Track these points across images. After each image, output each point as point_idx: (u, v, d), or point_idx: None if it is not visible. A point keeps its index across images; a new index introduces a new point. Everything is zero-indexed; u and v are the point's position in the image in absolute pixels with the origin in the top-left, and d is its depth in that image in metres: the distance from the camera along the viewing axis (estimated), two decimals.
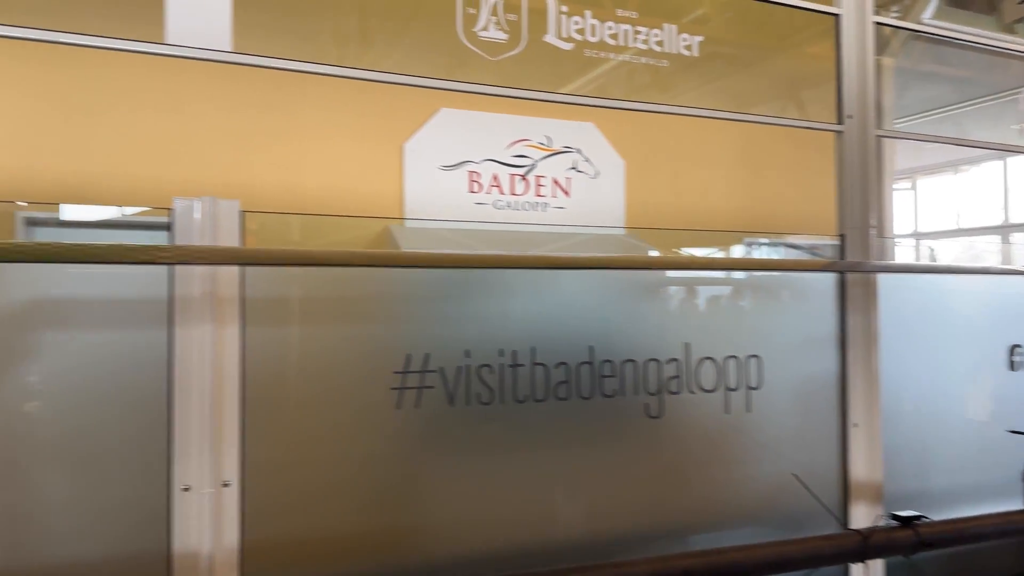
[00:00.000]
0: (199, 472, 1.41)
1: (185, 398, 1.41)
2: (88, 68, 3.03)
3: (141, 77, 3.04)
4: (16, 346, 1.37)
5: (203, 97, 3.33)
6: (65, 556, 1.36)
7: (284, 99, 3.52)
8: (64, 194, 3.13)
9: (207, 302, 1.43)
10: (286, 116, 3.57)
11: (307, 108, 3.65)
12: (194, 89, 3.25)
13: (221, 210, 1.46)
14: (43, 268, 1.34)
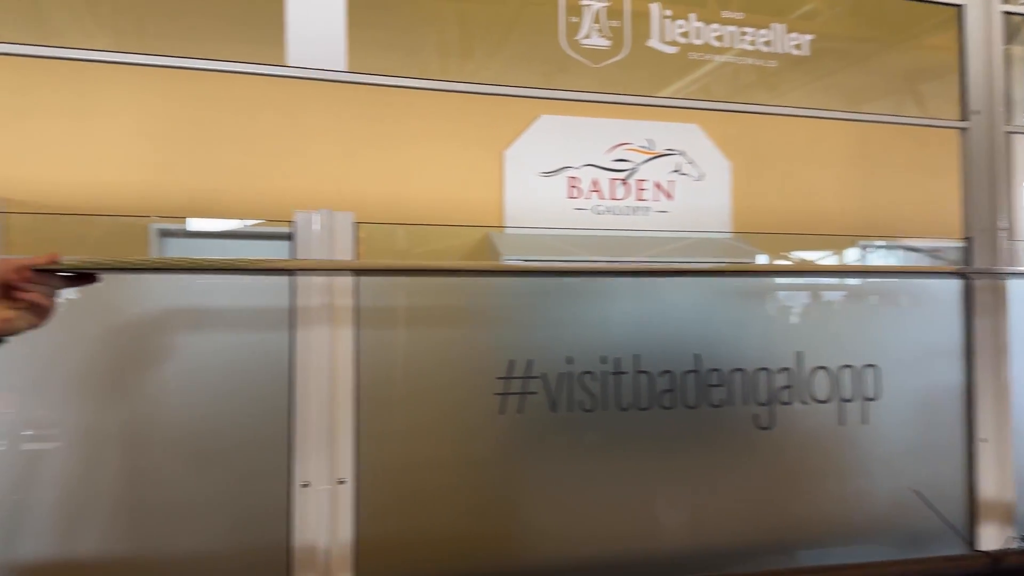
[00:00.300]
0: (317, 469, 1.48)
1: (304, 399, 1.48)
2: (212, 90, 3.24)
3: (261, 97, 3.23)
4: (154, 349, 1.48)
5: (317, 114, 3.49)
6: (195, 545, 1.46)
7: (391, 113, 3.64)
8: (192, 207, 3.36)
9: (324, 309, 1.50)
10: (393, 129, 3.69)
11: (412, 120, 3.75)
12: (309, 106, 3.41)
13: (337, 222, 1.53)
14: (179, 278, 1.45)
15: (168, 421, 1.47)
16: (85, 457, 1.42)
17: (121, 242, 2.76)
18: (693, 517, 1.72)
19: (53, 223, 2.98)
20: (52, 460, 1.40)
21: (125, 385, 1.46)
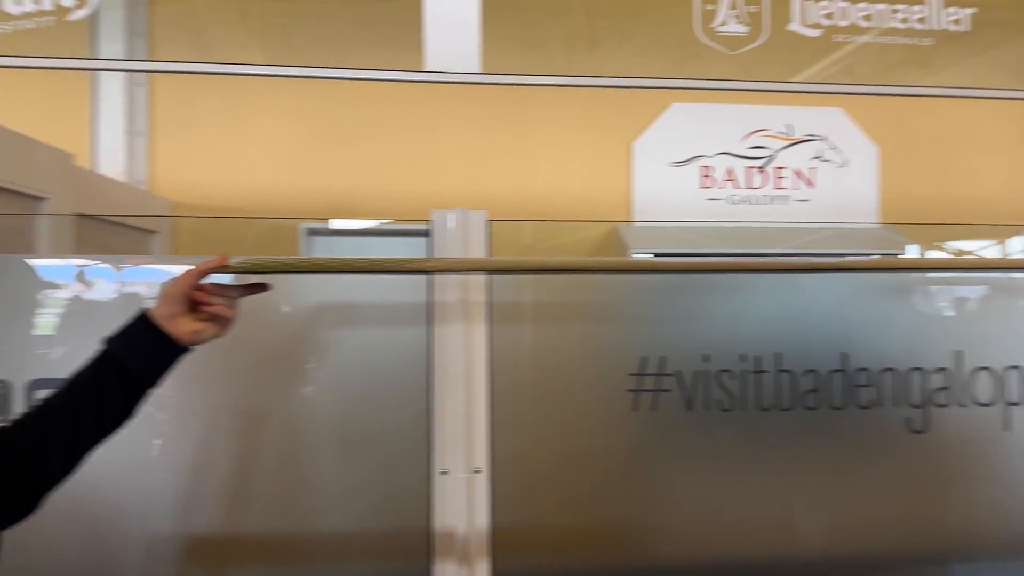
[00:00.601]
0: (455, 458, 1.53)
1: (441, 391, 1.54)
2: (354, 96, 3.42)
3: (398, 101, 3.37)
4: (303, 341, 1.59)
5: (450, 115, 3.60)
6: (342, 524, 1.56)
7: (519, 109, 3.70)
8: (337, 208, 3.56)
9: (459, 305, 1.55)
10: (521, 125, 3.75)
11: (539, 114, 3.80)
12: (443, 108, 3.53)
13: (471, 220, 1.58)
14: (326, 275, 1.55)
15: (317, 409, 1.57)
16: (244, 439, 1.54)
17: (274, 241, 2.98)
18: (837, 524, 1.64)
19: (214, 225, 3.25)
20: (215, 441, 1.53)
21: (279, 374, 1.57)
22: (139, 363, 1.01)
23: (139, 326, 1.04)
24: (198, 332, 1.06)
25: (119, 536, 1.50)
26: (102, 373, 1.00)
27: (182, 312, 1.06)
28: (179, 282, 1.07)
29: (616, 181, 3.82)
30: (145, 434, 1.50)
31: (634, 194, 3.85)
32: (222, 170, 3.61)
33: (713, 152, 3.95)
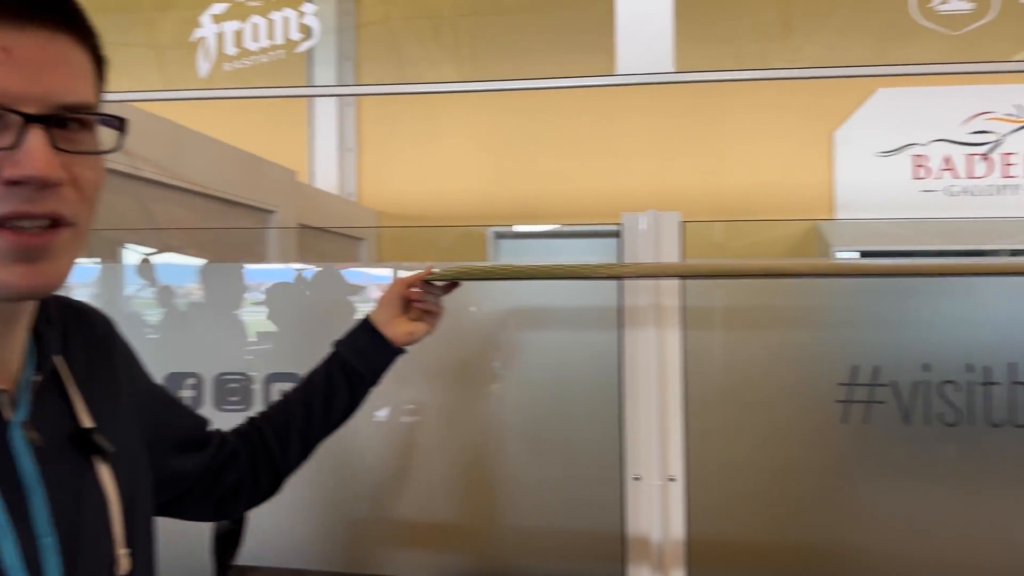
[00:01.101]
0: (648, 464, 1.52)
1: (633, 395, 1.53)
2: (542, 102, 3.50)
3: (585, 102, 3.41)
4: (496, 346, 1.65)
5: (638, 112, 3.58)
6: (534, 523, 1.60)
7: (709, 102, 3.59)
8: (525, 212, 3.67)
9: (651, 309, 1.53)
10: (711, 118, 3.63)
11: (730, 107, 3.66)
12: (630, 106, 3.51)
13: (663, 222, 1.55)
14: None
15: (510, 408, 1.62)
16: (440, 434, 1.63)
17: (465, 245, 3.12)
18: None
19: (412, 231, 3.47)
20: (415, 434, 1.63)
21: (471, 376, 1.65)
22: (362, 363, 1.10)
23: (362, 330, 1.14)
24: (411, 333, 1.15)
25: (327, 519, 1.64)
26: (332, 372, 1.10)
27: (398, 315, 1.15)
28: (393, 288, 1.17)
29: (815, 174, 3.59)
30: (351, 427, 1.63)
31: (836, 188, 3.60)
32: (420, 180, 3.84)
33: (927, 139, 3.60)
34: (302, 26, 1.48)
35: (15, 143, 0.57)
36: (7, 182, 0.58)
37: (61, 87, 0.60)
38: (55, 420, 0.72)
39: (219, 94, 1.49)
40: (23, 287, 0.61)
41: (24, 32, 0.58)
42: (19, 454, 0.66)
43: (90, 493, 0.73)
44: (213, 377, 1.65)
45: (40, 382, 0.71)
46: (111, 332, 0.87)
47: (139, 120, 1.93)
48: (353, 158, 3.83)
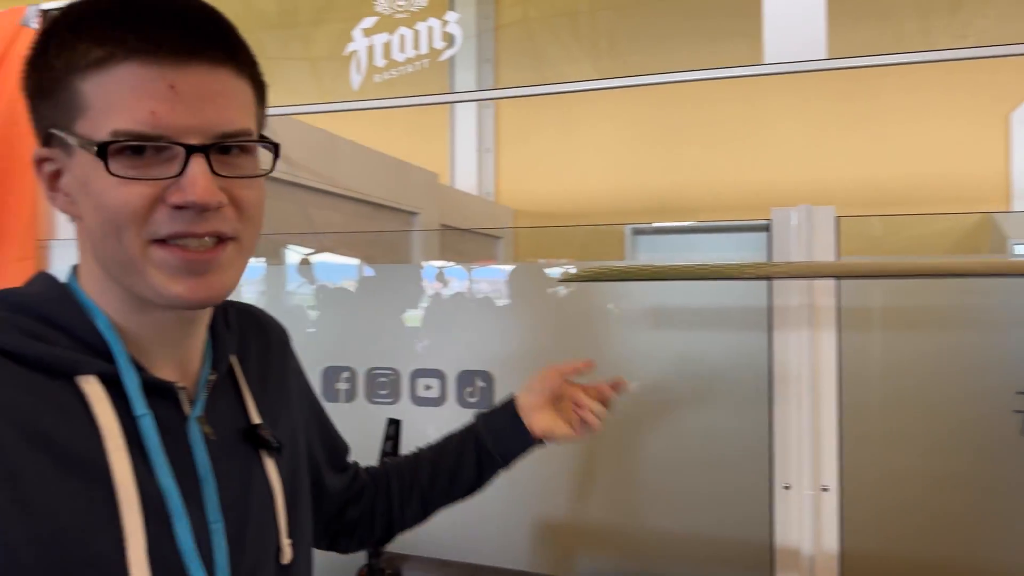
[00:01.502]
0: (798, 473, 1.45)
1: (784, 400, 1.47)
2: (683, 94, 3.41)
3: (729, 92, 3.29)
4: (636, 341, 1.62)
5: (787, 100, 3.40)
6: (679, 527, 1.56)
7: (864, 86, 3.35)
8: (665, 207, 3.59)
9: (804, 309, 1.46)
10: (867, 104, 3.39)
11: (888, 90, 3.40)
12: (778, 93, 3.35)
13: (816, 217, 1.47)
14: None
15: (651, 411, 1.60)
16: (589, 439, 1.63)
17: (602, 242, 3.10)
18: None
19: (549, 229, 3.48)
20: None
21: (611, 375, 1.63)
22: (494, 443, 1.04)
23: (504, 409, 1.06)
24: (551, 431, 1.04)
25: (474, 514, 1.69)
26: (465, 442, 1.05)
27: (544, 405, 1.05)
28: (546, 375, 1.06)
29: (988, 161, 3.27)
30: None
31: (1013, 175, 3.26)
32: (557, 178, 3.85)
33: None
34: (445, 34, 1.53)
35: (179, 172, 0.64)
36: (173, 206, 0.64)
37: (220, 118, 0.65)
38: (227, 416, 0.79)
39: (369, 105, 1.56)
40: (191, 298, 0.67)
41: (187, 68, 0.63)
42: (195, 446, 0.73)
43: (258, 484, 0.79)
44: (365, 371, 1.74)
45: (215, 380, 0.78)
46: (285, 340, 0.95)
47: (298, 132, 2.07)
48: (491, 158, 3.91)
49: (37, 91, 0.67)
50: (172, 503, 0.68)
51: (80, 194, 0.67)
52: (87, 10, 0.65)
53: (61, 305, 0.70)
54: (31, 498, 0.61)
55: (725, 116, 3.49)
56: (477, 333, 1.70)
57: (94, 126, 0.63)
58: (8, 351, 0.65)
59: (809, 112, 3.39)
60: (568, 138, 3.80)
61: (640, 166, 3.67)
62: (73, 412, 0.66)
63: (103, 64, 0.62)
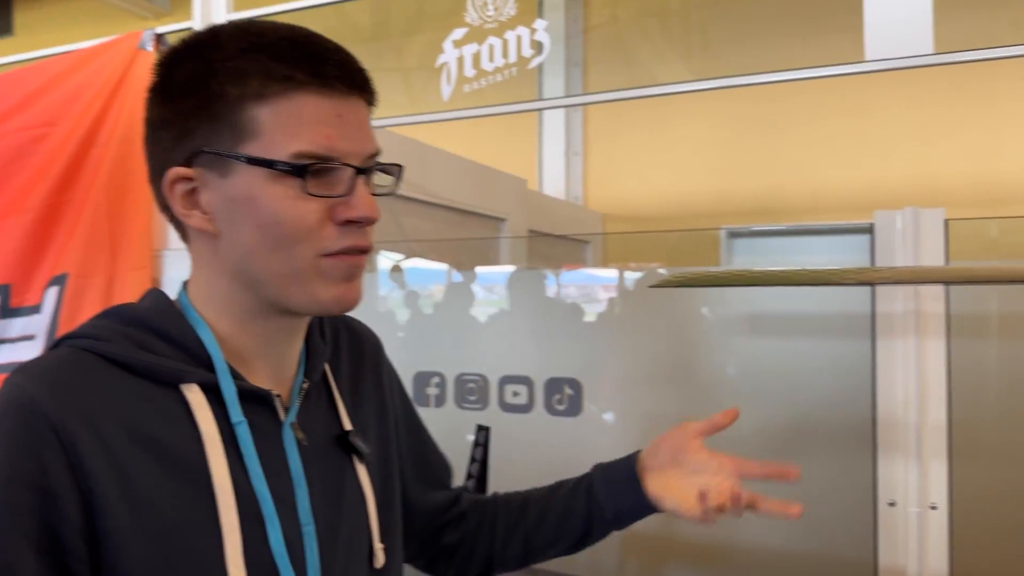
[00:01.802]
0: (904, 489, 1.38)
1: (888, 412, 1.40)
2: (780, 94, 3.29)
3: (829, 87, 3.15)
4: (728, 349, 1.58)
5: (892, 95, 3.23)
6: (777, 547, 1.51)
7: (978, 83, 3.14)
8: (762, 208, 3.47)
9: (910, 316, 1.39)
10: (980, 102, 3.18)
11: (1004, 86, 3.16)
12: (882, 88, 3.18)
13: (923, 220, 1.40)
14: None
15: (748, 421, 1.55)
16: None
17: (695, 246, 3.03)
18: None
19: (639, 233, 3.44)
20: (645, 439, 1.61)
21: (705, 382, 1.59)
22: (606, 497, 0.95)
23: (623, 463, 0.98)
24: (660, 498, 0.92)
25: None
26: (578, 490, 0.97)
27: (668, 467, 0.94)
28: (676, 434, 0.96)
29: None
30: (597, 432, 1.65)
31: None
32: (648, 179, 3.80)
33: None
34: (534, 42, 1.53)
35: (348, 191, 0.71)
36: (342, 222, 0.72)
37: (369, 143, 0.74)
38: (320, 422, 0.83)
39: (459, 114, 1.59)
40: (346, 301, 0.75)
41: (348, 100, 0.72)
42: (289, 451, 0.77)
43: (350, 489, 0.82)
44: (454, 377, 1.76)
45: (308, 388, 0.82)
46: (378, 349, 0.98)
47: (392, 142, 2.13)
48: (579, 162, 3.89)
49: (188, 115, 0.72)
50: (265, 506, 0.72)
51: (233, 211, 0.72)
52: (255, 44, 0.71)
53: (169, 318, 0.76)
54: (138, 494, 0.67)
55: (826, 112, 3.35)
56: (566, 339, 1.70)
57: (269, 148, 0.69)
58: (121, 361, 0.71)
59: (916, 108, 3.21)
60: (659, 138, 3.74)
61: (736, 166, 3.57)
62: (177, 417, 0.71)
63: (281, 94, 0.69)
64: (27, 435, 0.65)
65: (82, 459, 0.65)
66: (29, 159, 1.82)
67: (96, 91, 1.81)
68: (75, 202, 1.78)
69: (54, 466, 0.64)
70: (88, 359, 0.71)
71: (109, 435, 0.67)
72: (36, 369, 0.70)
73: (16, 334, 1.80)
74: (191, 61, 0.72)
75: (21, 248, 1.80)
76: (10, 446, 0.65)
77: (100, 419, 0.67)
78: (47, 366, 0.71)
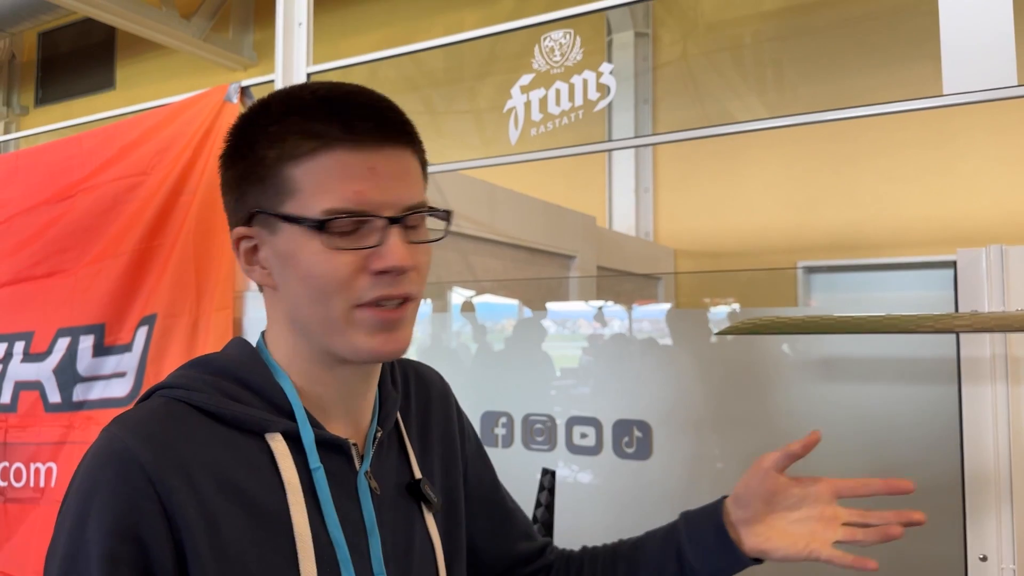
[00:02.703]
0: (997, 542, 1.30)
1: (978, 462, 1.32)
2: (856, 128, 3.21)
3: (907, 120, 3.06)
4: (810, 401, 1.53)
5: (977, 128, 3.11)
6: None
7: None
8: (839, 244, 3.38)
9: (999, 359, 1.32)
10: None
11: None
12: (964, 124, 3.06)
13: (1012, 258, 1.33)
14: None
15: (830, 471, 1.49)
16: None
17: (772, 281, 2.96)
18: None
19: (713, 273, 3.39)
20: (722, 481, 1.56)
21: (779, 426, 1.54)
22: (699, 560, 0.90)
23: (710, 518, 0.92)
24: (763, 550, 0.88)
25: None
26: (666, 541, 0.93)
27: (760, 516, 0.89)
28: (754, 473, 0.90)
29: None
30: (667, 475, 1.62)
31: None
32: (720, 214, 3.74)
33: None
34: (600, 85, 1.55)
35: (380, 241, 0.72)
36: (375, 272, 0.73)
37: (407, 193, 0.75)
38: (392, 471, 0.84)
39: (527, 157, 1.62)
40: (384, 352, 0.76)
41: (382, 152, 0.73)
42: (363, 499, 0.78)
43: (420, 539, 0.83)
44: (522, 417, 1.76)
45: (381, 436, 0.83)
46: (446, 395, 0.99)
47: (462, 184, 2.18)
48: (650, 198, 3.87)
49: (243, 178, 0.77)
50: (340, 554, 0.74)
51: (282, 266, 0.76)
52: (292, 106, 0.75)
53: (253, 369, 0.79)
54: (226, 544, 0.69)
55: (905, 144, 3.24)
56: (635, 380, 1.68)
57: (305, 206, 0.73)
58: (210, 411, 0.74)
59: (1002, 139, 3.07)
60: (732, 173, 3.69)
61: (812, 201, 3.49)
62: (262, 466, 0.74)
63: (312, 153, 0.72)
64: (125, 486, 0.68)
65: (176, 510, 0.68)
66: (125, 206, 1.94)
67: (185, 142, 1.92)
68: (165, 246, 1.88)
69: (150, 517, 0.67)
70: (180, 409, 0.74)
71: (200, 486, 0.70)
72: (132, 421, 0.73)
73: (109, 371, 1.90)
74: (245, 129, 0.77)
75: (115, 289, 1.91)
76: (110, 497, 0.68)
77: (192, 470, 0.70)
78: (142, 417, 0.74)
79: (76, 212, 2.00)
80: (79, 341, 1.91)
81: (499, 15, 3.87)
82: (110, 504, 0.67)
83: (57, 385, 1.92)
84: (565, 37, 1.55)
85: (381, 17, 4.34)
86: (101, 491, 0.68)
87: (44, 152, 2.18)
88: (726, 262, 3.63)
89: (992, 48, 1.38)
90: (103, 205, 1.97)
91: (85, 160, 2.06)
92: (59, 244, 1.99)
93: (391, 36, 4.08)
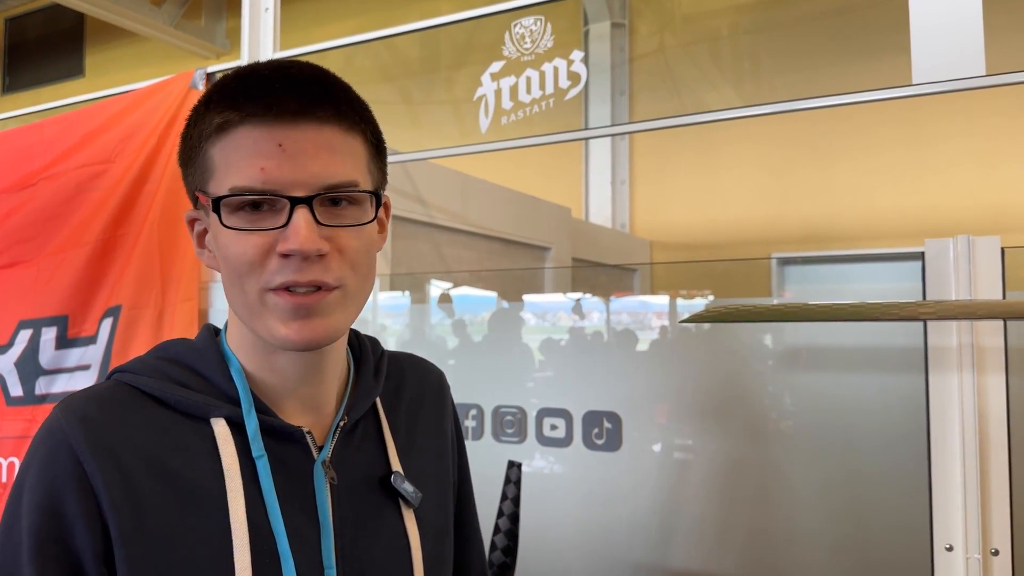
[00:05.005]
0: (964, 533, 1.31)
1: (944, 451, 1.33)
2: (829, 118, 3.23)
3: (879, 112, 3.08)
4: (782, 387, 1.53)
5: (945, 123, 3.14)
6: None
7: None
8: (812, 236, 3.40)
9: (966, 349, 1.32)
10: None
11: None
12: (934, 115, 3.10)
13: (979, 248, 1.34)
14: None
15: (795, 457, 1.49)
16: (718, 476, 1.55)
17: (745, 273, 2.97)
18: None
19: (688, 264, 3.39)
20: (687, 474, 1.56)
21: (751, 416, 1.54)
22: None
23: None
24: None
25: (605, 560, 1.64)
26: None
27: None
28: None
29: None
30: (636, 467, 1.62)
31: None
32: (696, 207, 3.75)
33: None
34: (571, 73, 1.54)
35: (285, 222, 0.68)
36: (280, 255, 0.69)
37: (326, 171, 0.69)
38: (363, 463, 0.81)
39: (501, 145, 1.60)
40: (298, 340, 0.71)
41: (296, 128, 0.69)
42: (318, 490, 0.75)
43: (390, 535, 0.79)
44: (492, 409, 1.75)
45: (346, 426, 0.80)
46: (441, 392, 0.95)
47: (434, 174, 2.16)
48: (626, 190, 3.87)
49: (184, 160, 0.76)
50: (281, 545, 0.71)
51: (216, 248, 0.74)
52: (218, 86, 0.74)
53: (204, 355, 0.78)
54: (153, 528, 0.68)
55: (878, 137, 3.27)
56: (605, 372, 1.67)
57: (218, 185, 0.70)
58: (155, 395, 0.74)
59: (973, 131, 3.10)
60: (708, 165, 3.70)
61: (786, 193, 3.51)
62: (202, 452, 0.72)
63: (224, 129, 0.70)
64: (54, 465, 0.69)
65: (101, 490, 0.68)
66: (88, 195, 1.90)
67: (150, 129, 1.88)
68: (129, 236, 1.84)
69: (76, 495, 0.67)
70: (125, 392, 0.74)
71: (129, 468, 0.69)
72: (75, 402, 0.73)
73: (73, 364, 1.86)
74: (192, 110, 0.76)
75: (79, 280, 1.87)
76: (40, 474, 0.69)
77: (122, 452, 0.69)
78: (84, 398, 0.73)
79: (38, 201, 1.95)
80: (41, 333, 1.87)
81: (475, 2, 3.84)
82: (40, 481, 0.69)
83: (19, 378, 1.88)
84: (536, 24, 1.53)
85: (355, 6, 4.29)
86: (33, 468, 0.70)
87: (4, 140, 2.12)
88: (702, 253, 3.64)
89: (961, 38, 1.39)
90: (66, 194, 1.93)
91: (47, 148, 2.01)
92: (20, 234, 1.95)
93: (365, 24, 4.03)
